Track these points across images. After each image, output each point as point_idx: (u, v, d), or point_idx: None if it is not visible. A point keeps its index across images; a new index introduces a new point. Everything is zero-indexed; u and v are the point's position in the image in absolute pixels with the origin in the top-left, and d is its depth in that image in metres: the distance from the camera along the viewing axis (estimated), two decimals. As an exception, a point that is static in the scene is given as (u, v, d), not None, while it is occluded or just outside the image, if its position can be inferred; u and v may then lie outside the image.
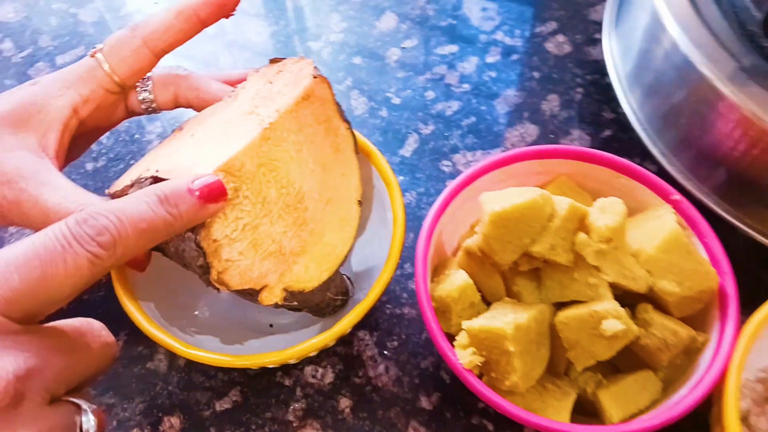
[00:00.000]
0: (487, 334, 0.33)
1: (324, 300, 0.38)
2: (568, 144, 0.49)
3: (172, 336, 0.36)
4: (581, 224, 0.34)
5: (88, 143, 0.45)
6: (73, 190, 0.35)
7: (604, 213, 0.34)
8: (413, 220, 0.48)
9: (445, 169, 0.50)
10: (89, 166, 0.52)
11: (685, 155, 0.45)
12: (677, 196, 0.38)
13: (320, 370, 0.42)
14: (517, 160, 0.40)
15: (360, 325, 0.43)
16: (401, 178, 0.50)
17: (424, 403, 0.40)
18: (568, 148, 0.40)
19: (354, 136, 0.39)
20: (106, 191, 0.35)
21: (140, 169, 0.35)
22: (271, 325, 0.43)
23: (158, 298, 0.40)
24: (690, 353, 0.35)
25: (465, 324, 0.34)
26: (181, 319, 0.40)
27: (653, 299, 0.35)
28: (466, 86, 0.54)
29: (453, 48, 0.57)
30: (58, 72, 0.40)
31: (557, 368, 0.36)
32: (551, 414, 0.34)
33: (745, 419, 0.35)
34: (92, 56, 0.40)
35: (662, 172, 0.44)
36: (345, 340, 0.43)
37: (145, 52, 0.40)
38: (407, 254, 0.46)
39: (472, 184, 0.40)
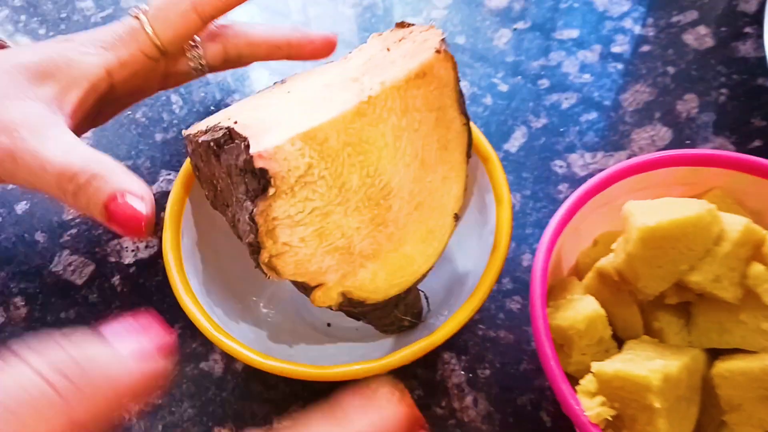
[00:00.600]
0: (624, 383, 0.26)
1: (389, 316, 0.32)
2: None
3: (235, 340, 0.31)
4: (757, 252, 0.27)
5: (116, 111, 0.42)
6: (81, 146, 0.32)
7: (795, 241, 0.26)
8: (516, 227, 0.41)
9: (558, 170, 0.43)
10: (158, 137, 0.47)
11: None
12: None
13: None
14: (663, 165, 0.33)
15: (446, 346, 0.37)
16: (504, 177, 0.43)
17: (519, 448, 0.34)
18: (730, 155, 0.32)
19: (470, 135, 0.32)
20: (183, 132, 0.32)
21: (222, 116, 0.31)
22: (329, 324, 0.38)
23: (214, 277, 0.36)
24: None
25: (595, 366, 0.27)
26: (232, 302, 0.36)
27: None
28: (587, 77, 0.47)
29: (573, 33, 0.50)
30: (95, 30, 0.37)
31: (706, 431, 0.28)
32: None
33: None
34: (135, 17, 0.36)
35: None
36: (427, 361, 0.36)
37: (193, 17, 0.36)
38: (507, 267, 0.39)
39: (604, 191, 0.32)
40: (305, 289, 0.29)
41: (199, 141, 0.29)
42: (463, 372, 0.36)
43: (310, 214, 0.27)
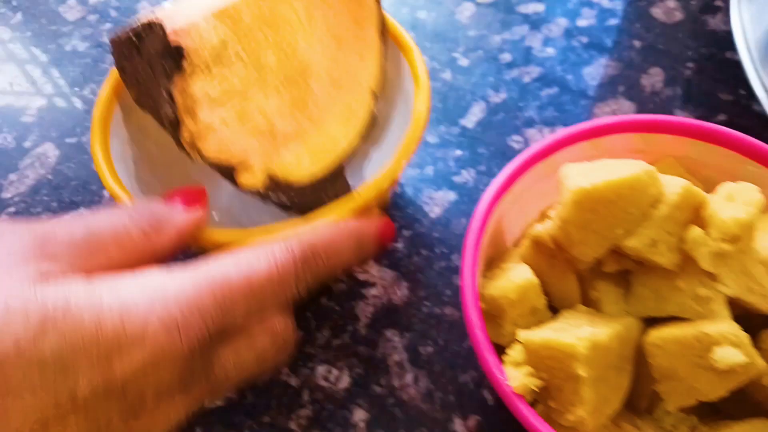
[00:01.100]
0: (551, 351, 0.24)
1: (318, 203, 0.32)
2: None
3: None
4: (696, 216, 0.25)
5: None
6: None
7: (732, 201, 0.24)
8: (469, 203, 0.39)
9: (515, 145, 0.41)
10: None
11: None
12: (830, 192, 0.28)
13: (334, 372, 0.34)
14: (613, 131, 0.31)
15: (389, 324, 0.35)
16: (459, 152, 0.41)
17: (458, 426, 0.32)
18: (682, 121, 0.31)
19: (382, 13, 0.33)
20: (108, 37, 0.32)
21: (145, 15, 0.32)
22: None
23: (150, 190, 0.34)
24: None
25: (522, 335, 0.25)
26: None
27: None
28: (551, 51, 0.45)
29: (538, 7, 0.48)
30: None
31: (638, 403, 0.26)
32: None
33: None
34: None
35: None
36: (369, 340, 0.35)
37: None
38: (457, 243, 0.38)
39: (550, 157, 0.31)
40: (230, 173, 0.29)
41: (121, 38, 0.29)
42: (405, 350, 0.34)
43: (230, 95, 0.28)
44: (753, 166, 0.30)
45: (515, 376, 0.25)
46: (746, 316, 0.25)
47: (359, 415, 0.33)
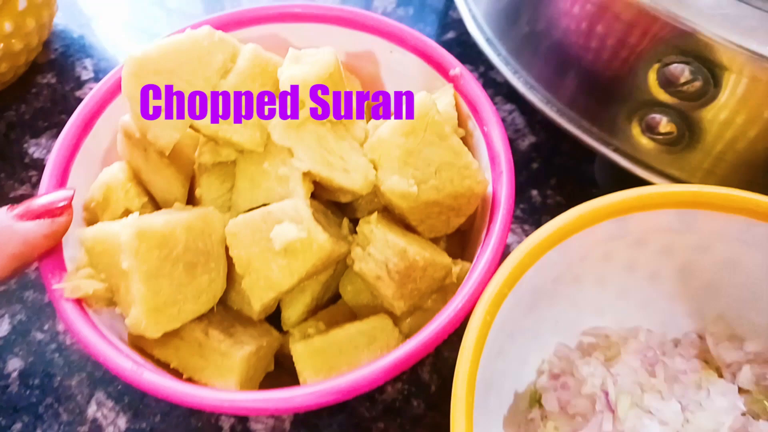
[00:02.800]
0: (102, 245, 0.21)
1: None
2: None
3: None
4: (270, 81, 0.22)
5: None
6: None
7: (298, 63, 0.22)
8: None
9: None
10: None
11: (526, 57, 0.33)
12: (457, 69, 0.26)
13: (-9, 320, 0.30)
14: (254, 22, 0.28)
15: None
16: None
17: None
18: (321, 8, 0.28)
19: None
20: None
21: None
22: None
23: None
24: (447, 293, 0.23)
25: (78, 231, 0.22)
26: None
27: (389, 209, 0.23)
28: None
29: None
30: None
31: (249, 310, 0.24)
32: (210, 376, 0.22)
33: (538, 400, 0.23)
34: None
35: (506, 84, 0.33)
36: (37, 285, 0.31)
37: None
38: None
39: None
40: None
41: None
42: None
43: None
44: (399, 53, 0.28)
45: (68, 279, 0.21)
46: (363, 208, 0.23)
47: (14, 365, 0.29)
